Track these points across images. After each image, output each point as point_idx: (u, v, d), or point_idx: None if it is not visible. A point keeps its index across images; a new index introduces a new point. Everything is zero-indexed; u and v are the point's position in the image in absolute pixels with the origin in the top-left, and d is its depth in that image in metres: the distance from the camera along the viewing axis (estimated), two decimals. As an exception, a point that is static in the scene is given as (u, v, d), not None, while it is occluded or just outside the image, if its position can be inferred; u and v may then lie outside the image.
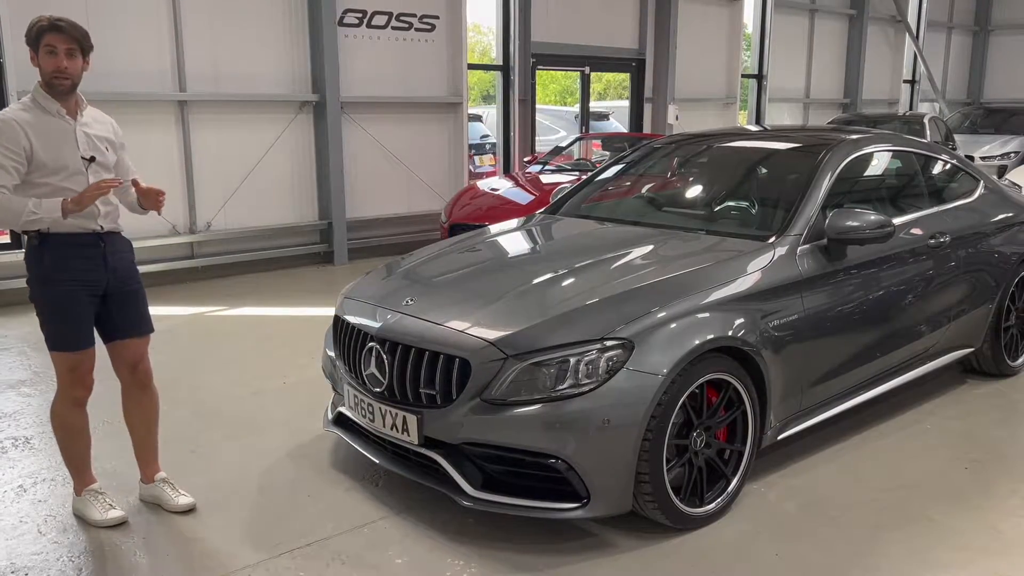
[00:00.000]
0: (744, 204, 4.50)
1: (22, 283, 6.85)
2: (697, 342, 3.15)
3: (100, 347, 3.32)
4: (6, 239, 7.18)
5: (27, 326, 6.30)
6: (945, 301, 4.46)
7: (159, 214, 3.40)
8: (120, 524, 3.32)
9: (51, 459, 3.95)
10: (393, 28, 9.26)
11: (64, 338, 3.18)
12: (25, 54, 3.19)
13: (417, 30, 9.45)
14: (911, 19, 17.49)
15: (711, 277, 3.47)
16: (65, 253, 3.14)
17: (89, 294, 3.20)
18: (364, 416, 3.45)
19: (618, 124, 14.95)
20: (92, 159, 3.17)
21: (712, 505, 3.33)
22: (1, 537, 3.26)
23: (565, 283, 3.54)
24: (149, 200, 3.29)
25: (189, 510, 3.42)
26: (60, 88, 3.10)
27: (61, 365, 3.23)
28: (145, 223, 6.99)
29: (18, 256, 6.88)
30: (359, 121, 9.09)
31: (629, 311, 3.19)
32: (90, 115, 3.25)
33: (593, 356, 3.04)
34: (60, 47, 3.06)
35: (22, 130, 3.02)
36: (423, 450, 3.24)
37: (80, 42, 3.11)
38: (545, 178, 8.48)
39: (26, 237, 3.16)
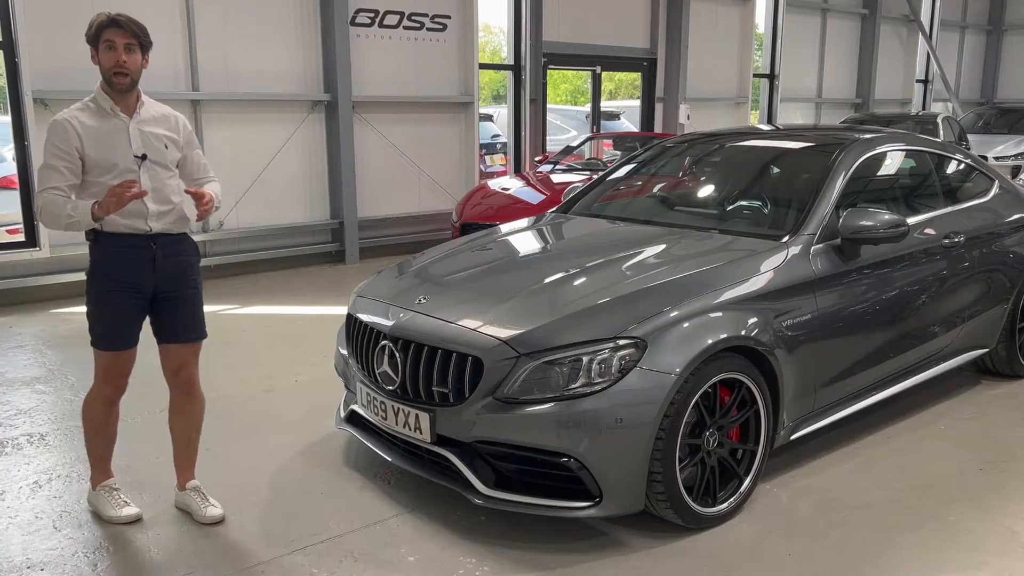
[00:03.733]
0: (757, 203, 4.49)
1: (36, 281, 7.03)
2: (710, 341, 3.15)
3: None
4: (20, 237, 7.23)
5: (41, 324, 6.35)
6: (959, 301, 4.43)
7: (200, 219, 3.28)
8: (134, 521, 3.32)
9: (66, 455, 3.98)
10: (405, 28, 9.27)
11: (101, 336, 3.18)
12: (37, 54, 3.20)
13: (429, 30, 9.46)
14: (924, 18, 17.39)
15: (724, 276, 3.46)
16: (113, 252, 3.12)
17: (133, 295, 3.14)
18: (377, 414, 3.46)
19: (629, 124, 14.92)
20: (144, 156, 3.11)
21: (725, 505, 3.32)
22: (17, 532, 3.28)
23: (577, 282, 3.54)
24: (196, 204, 3.20)
25: (217, 522, 3.33)
26: (120, 85, 3.07)
27: (97, 362, 3.23)
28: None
29: (32, 255, 7.03)
30: (370, 121, 9.11)
31: (642, 310, 3.19)
32: (151, 112, 3.20)
33: (606, 355, 3.04)
34: (119, 42, 3.03)
35: (74, 130, 3.01)
36: (436, 448, 3.24)
37: (139, 37, 3.07)
38: (556, 178, 8.48)
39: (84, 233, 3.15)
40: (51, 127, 3.04)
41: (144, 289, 3.16)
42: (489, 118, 14.48)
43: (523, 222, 4.85)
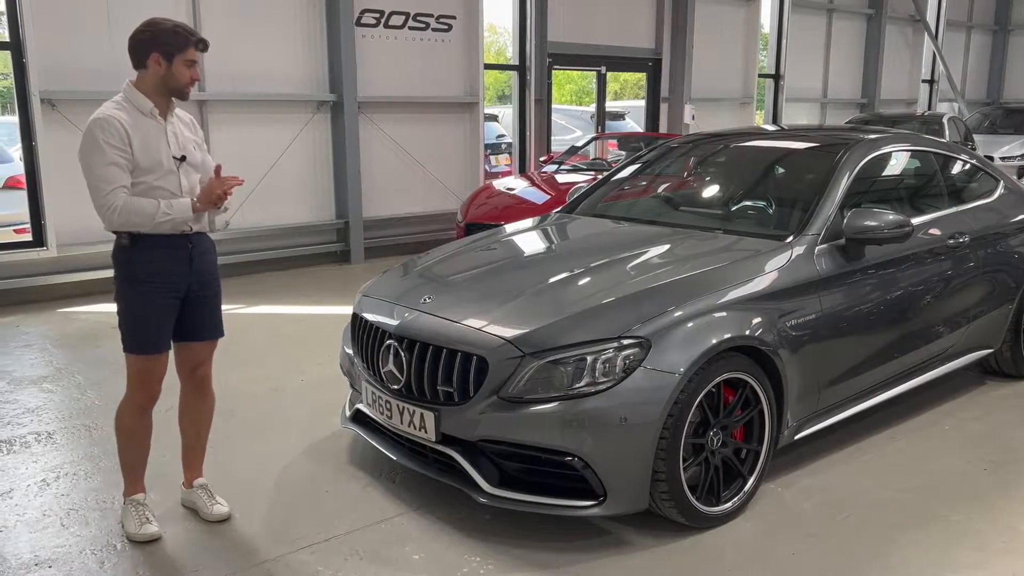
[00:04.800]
0: (761, 204, 4.50)
1: (43, 281, 7.05)
2: (714, 341, 3.16)
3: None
4: (27, 237, 7.26)
5: (48, 323, 6.38)
6: (964, 302, 4.43)
7: (216, 213, 3.26)
8: (152, 541, 3.22)
9: (73, 453, 4.01)
10: (410, 28, 9.29)
11: (140, 340, 3.15)
12: (44, 55, 3.19)
13: (434, 30, 9.49)
14: (930, 18, 17.36)
15: (728, 276, 3.46)
16: (154, 255, 3.12)
17: (172, 296, 3.17)
18: (382, 413, 3.48)
19: (634, 124, 14.92)
20: (183, 159, 3.18)
21: (728, 504, 3.33)
22: (25, 530, 3.31)
23: (582, 282, 3.55)
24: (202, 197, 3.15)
25: (224, 520, 3.35)
26: (186, 95, 3.19)
27: (132, 367, 3.20)
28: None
29: (39, 254, 7.06)
30: (376, 121, 9.13)
31: (646, 310, 3.20)
32: (177, 116, 3.27)
33: (610, 354, 3.05)
34: (197, 60, 3.18)
35: (122, 127, 3.05)
36: (440, 447, 3.26)
37: None
38: (561, 178, 8.49)
39: (116, 236, 3.14)
40: (100, 126, 3.02)
41: (181, 288, 3.19)
42: (494, 118, 14.50)
43: (527, 222, 4.86)
